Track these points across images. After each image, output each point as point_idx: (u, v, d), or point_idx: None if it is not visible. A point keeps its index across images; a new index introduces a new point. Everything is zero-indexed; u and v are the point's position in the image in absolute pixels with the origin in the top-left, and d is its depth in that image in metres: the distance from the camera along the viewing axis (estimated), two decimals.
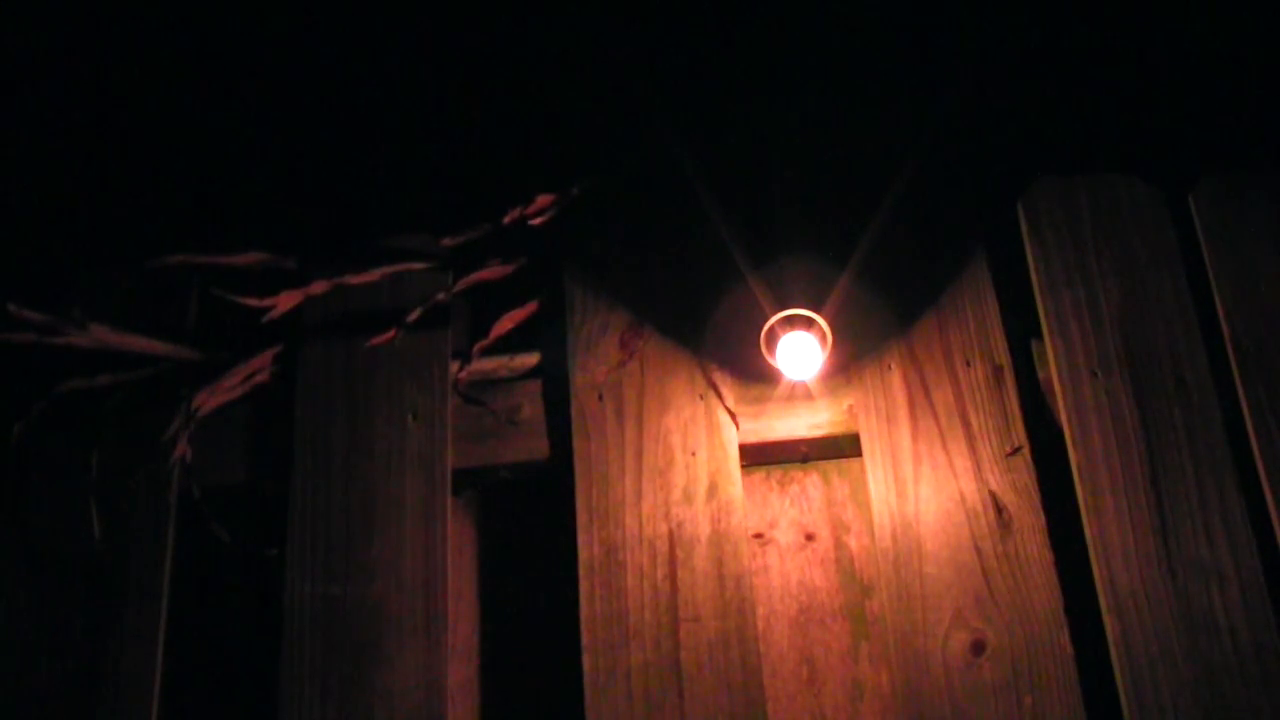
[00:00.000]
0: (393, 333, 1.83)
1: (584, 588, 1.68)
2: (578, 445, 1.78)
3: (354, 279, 1.87)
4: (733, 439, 1.78)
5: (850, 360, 1.81)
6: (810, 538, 1.83)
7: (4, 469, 1.78)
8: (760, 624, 1.75)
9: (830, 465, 1.87)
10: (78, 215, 2.06)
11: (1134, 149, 1.97)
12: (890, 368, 1.81)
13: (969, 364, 1.80)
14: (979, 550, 1.68)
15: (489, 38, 2.11)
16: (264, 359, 1.87)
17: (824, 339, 1.74)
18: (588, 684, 1.63)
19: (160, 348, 1.85)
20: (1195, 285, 1.82)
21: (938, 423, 1.76)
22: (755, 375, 1.82)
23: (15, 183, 2.08)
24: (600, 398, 1.81)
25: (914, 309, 1.84)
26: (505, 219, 1.90)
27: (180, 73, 2.11)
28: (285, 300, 1.84)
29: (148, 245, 1.89)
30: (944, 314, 1.84)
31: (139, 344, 1.84)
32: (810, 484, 1.87)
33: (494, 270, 1.92)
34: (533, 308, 1.92)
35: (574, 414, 1.80)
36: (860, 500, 1.82)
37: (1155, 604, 1.61)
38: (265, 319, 1.83)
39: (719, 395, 1.81)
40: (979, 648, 1.62)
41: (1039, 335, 1.82)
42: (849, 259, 1.83)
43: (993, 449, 1.74)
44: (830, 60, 2.08)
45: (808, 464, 1.87)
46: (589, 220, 1.94)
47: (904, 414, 1.77)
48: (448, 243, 1.92)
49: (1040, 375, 1.81)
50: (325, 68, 2.12)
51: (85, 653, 1.67)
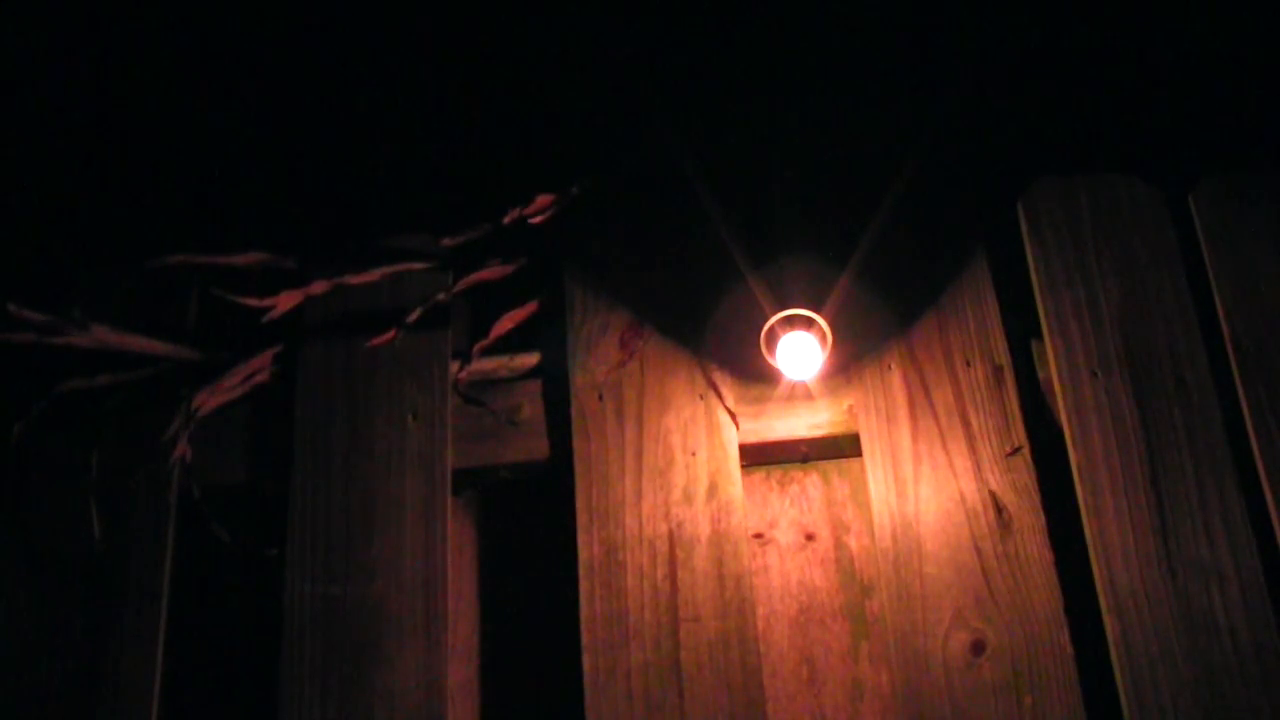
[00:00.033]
0: (393, 333, 1.83)
1: (584, 588, 1.68)
2: (578, 445, 1.78)
3: (354, 279, 1.87)
4: (733, 439, 1.78)
5: (850, 360, 1.81)
6: (810, 538, 1.83)
7: (4, 469, 1.78)
8: (760, 624, 1.75)
9: (830, 465, 1.87)
10: (78, 215, 2.06)
11: (1134, 149, 1.97)
12: (890, 368, 1.81)
13: (969, 364, 1.80)
14: (979, 550, 1.68)
15: (489, 38, 2.11)
16: (264, 359, 1.87)
17: (824, 339, 1.74)
18: (588, 684, 1.63)
19: (160, 348, 1.85)
20: (1195, 285, 1.82)
21: (938, 423, 1.76)
22: (755, 375, 1.82)
23: (15, 183, 2.08)
24: (600, 398, 1.81)
25: (914, 309, 1.84)
26: (505, 219, 1.90)
27: (180, 73, 2.11)
28: (285, 300, 1.85)
29: (148, 245, 1.89)
30: (944, 314, 1.84)
31: (139, 344, 1.84)
32: (810, 484, 1.87)
33: (494, 270, 1.93)
34: (533, 308, 1.92)
35: (574, 414, 1.80)
36: (860, 500, 1.82)
37: (1155, 604, 1.61)
38: (265, 319, 1.83)
39: (719, 395, 1.81)
40: (979, 648, 1.62)
41: (1039, 335, 1.82)
42: (849, 259, 1.83)
43: (993, 449, 1.74)
44: (830, 60, 2.08)
45: (808, 464, 1.87)
46: (589, 220, 1.94)
47: (904, 414, 1.77)
48: (448, 243, 1.92)
49: (1040, 375, 1.81)
50: (325, 68, 2.12)
51: (85, 653, 1.67)
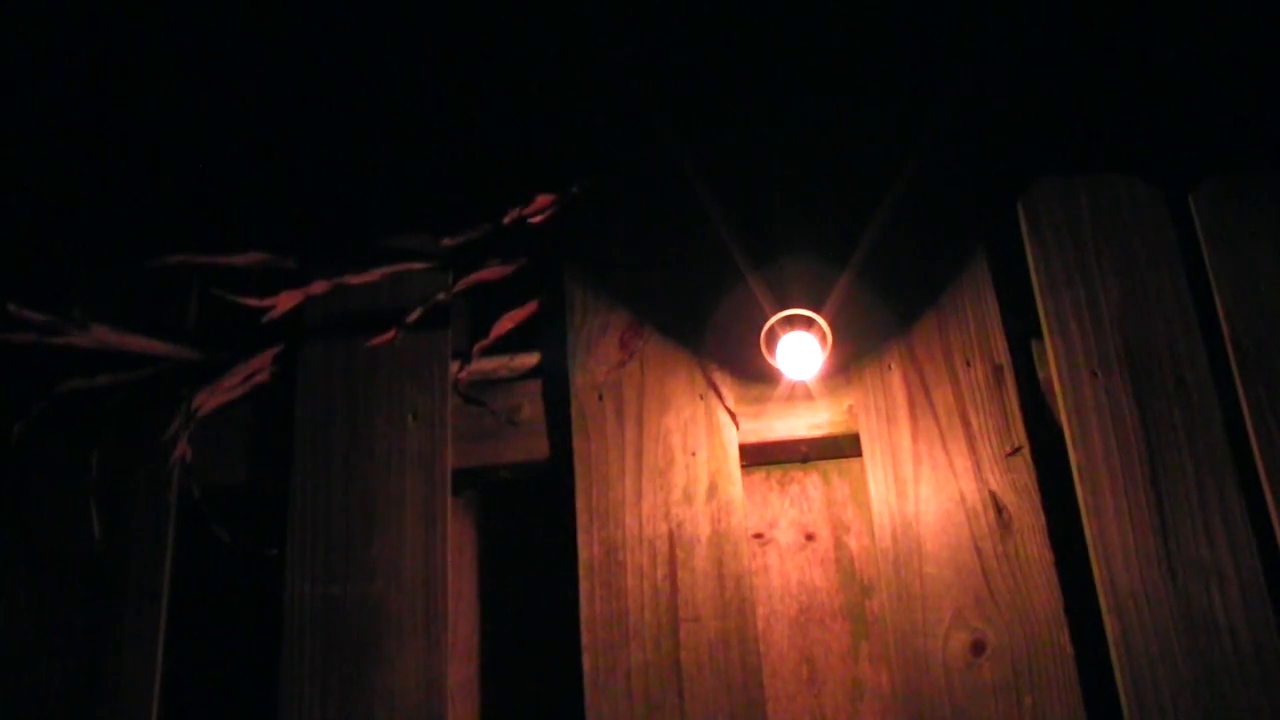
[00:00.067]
0: (393, 333, 1.83)
1: (584, 588, 1.68)
2: (578, 445, 1.78)
3: (354, 279, 1.87)
4: (733, 439, 1.78)
5: (850, 360, 1.81)
6: (810, 538, 1.83)
7: (4, 469, 1.78)
8: (760, 624, 1.75)
9: (830, 465, 1.87)
10: (78, 215, 2.06)
11: (1134, 149, 1.97)
12: (890, 368, 1.80)
13: (969, 364, 1.80)
14: (979, 550, 1.68)
15: (489, 37, 2.11)
16: (264, 359, 1.87)
17: (824, 339, 1.74)
18: (588, 684, 1.63)
19: (160, 348, 1.85)
20: (1195, 285, 1.82)
21: (938, 423, 1.76)
22: (755, 375, 1.82)
23: (15, 183, 2.08)
24: (600, 398, 1.81)
25: (914, 309, 1.84)
26: (505, 219, 1.90)
27: (180, 73, 2.11)
28: (285, 300, 1.85)
29: (148, 245, 1.89)
30: (944, 314, 1.84)
31: (139, 344, 1.84)
32: (810, 484, 1.87)
33: (494, 270, 1.93)
34: (533, 308, 1.92)
35: (574, 414, 1.80)
36: (860, 500, 1.82)
37: (1155, 604, 1.61)
38: (265, 319, 1.83)
39: (719, 395, 1.81)
40: (979, 648, 1.62)
41: (1039, 335, 1.82)
42: (849, 259, 1.83)
43: (993, 449, 1.74)
44: (830, 60, 2.08)
45: (808, 464, 1.87)
46: (589, 220, 1.94)
47: (904, 414, 1.77)
48: (448, 243, 1.92)
49: (1040, 375, 1.81)
50: (325, 68, 2.12)
51: (85, 653, 1.67)
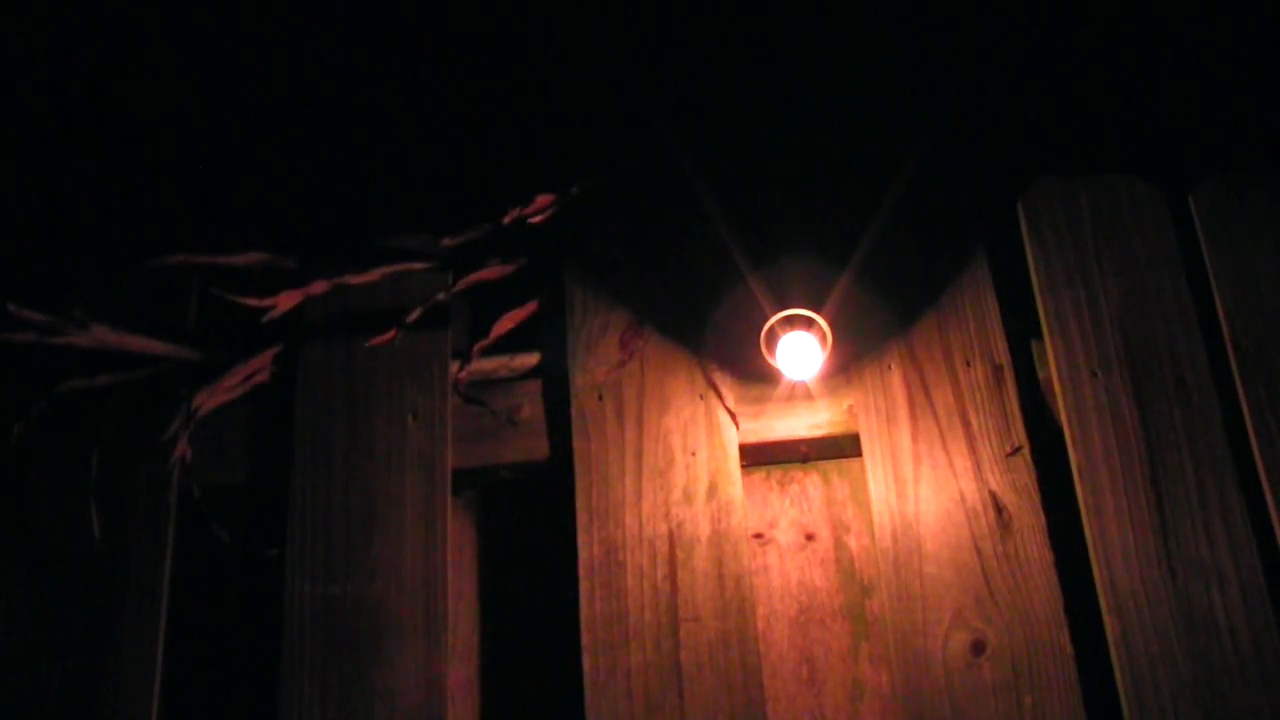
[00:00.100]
0: (393, 333, 1.83)
1: (584, 588, 1.68)
2: (578, 445, 1.78)
3: (354, 279, 1.87)
4: (733, 439, 1.78)
5: (850, 360, 1.81)
6: (810, 538, 1.83)
7: (4, 469, 1.78)
8: (760, 624, 1.75)
9: (830, 465, 1.87)
10: (78, 215, 2.06)
11: (1134, 149, 1.97)
12: (890, 368, 1.81)
13: (969, 364, 1.80)
14: (979, 550, 1.68)
15: (489, 37, 2.11)
16: (264, 359, 1.87)
17: (824, 339, 1.74)
18: (588, 684, 1.63)
19: (160, 348, 1.85)
20: (1195, 285, 1.82)
21: (938, 423, 1.76)
22: (755, 375, 1.82)
23: (15, 183, 2.08)
24: (600, 398, 1.81)
25: (914, 309, 1.84)
26: (505, 219, 1.90)
27: (179, 72, 2.11)
28: (285, 300, 1.85)
29: (148, 245, 1.89)
30: (944, 314, 1.84)
31: (139, 344, 1.84)
32: (810, 484, 1.87)
33: (494, 270, 1.93)
34: (533, 308, 1.92)
35: (574, 414, 1.80)
36: (860, 500, 1.82)
37: (1155, 604, 1.61)
38: (265, 319, 1.83)
39: (719, 395, 1.81)
40: (979, 648, 1.62)
41: (1039, 335, 1.82)
42: (849, 259, 1.83)
43: (993, 449, 1.74)
44: (830, 60, 2.08)
45: (808, 464, 1.87)
46: (589, 220, 1.94)
47: (904, 414, 1.77)
48: (448, 243, 1.92)
49: (1040, 375, 1.81)
50: (325, 67, 2.12)
51: (85, 653, 1.67)
